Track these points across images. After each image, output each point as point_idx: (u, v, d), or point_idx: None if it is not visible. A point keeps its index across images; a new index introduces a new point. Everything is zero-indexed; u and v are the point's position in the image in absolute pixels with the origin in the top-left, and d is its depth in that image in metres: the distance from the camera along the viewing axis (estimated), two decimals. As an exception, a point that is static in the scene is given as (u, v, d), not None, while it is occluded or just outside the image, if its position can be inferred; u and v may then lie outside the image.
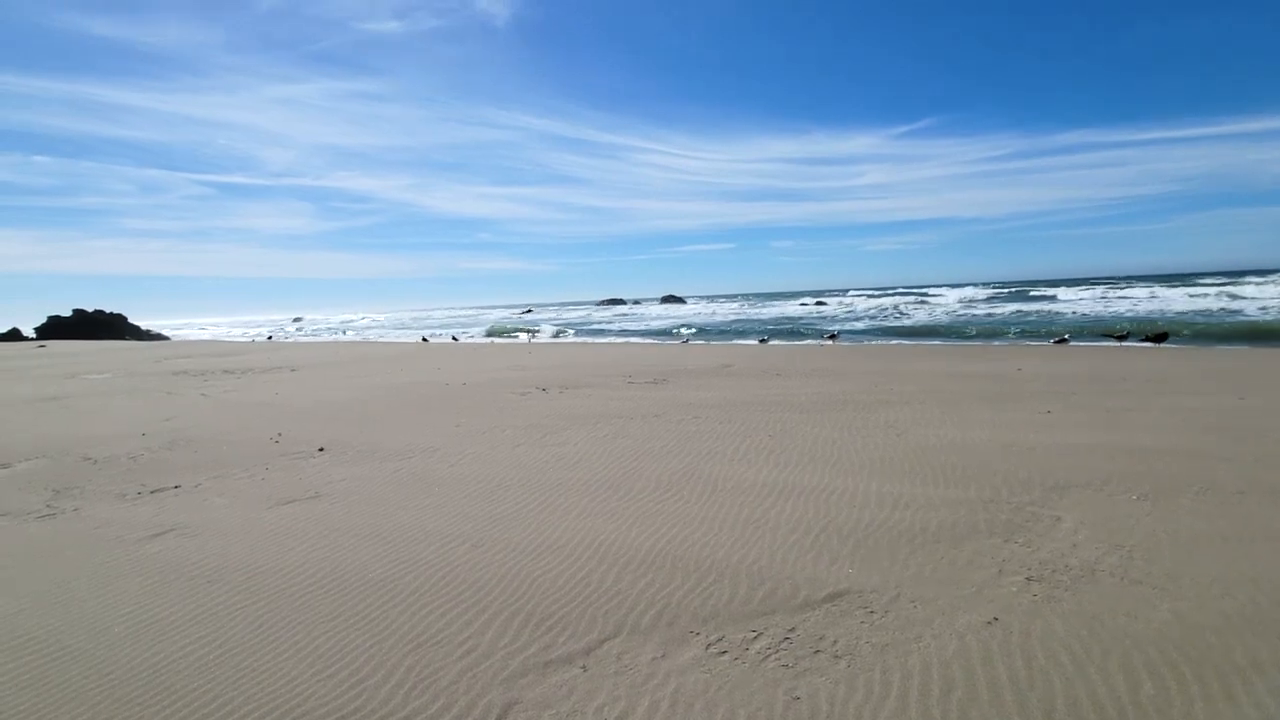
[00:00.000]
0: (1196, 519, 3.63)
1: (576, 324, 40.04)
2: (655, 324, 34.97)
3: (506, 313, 74.49)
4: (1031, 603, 2.79)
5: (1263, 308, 22.52)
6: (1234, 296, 27.08)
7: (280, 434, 7.03)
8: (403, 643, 2.69)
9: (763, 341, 20.75)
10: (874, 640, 2.55)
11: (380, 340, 31.77)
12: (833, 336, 20.80)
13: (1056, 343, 16.01)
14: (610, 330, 32.00)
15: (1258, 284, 32.81)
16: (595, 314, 55.73)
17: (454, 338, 30.97)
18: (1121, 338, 15.31)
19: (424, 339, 30.91)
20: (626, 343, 23.70)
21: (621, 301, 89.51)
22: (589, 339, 26.74)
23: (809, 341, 20.17)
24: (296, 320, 79.35)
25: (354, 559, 3.57)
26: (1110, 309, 26.74)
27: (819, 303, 48.55)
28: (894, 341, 19.26)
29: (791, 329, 26.41)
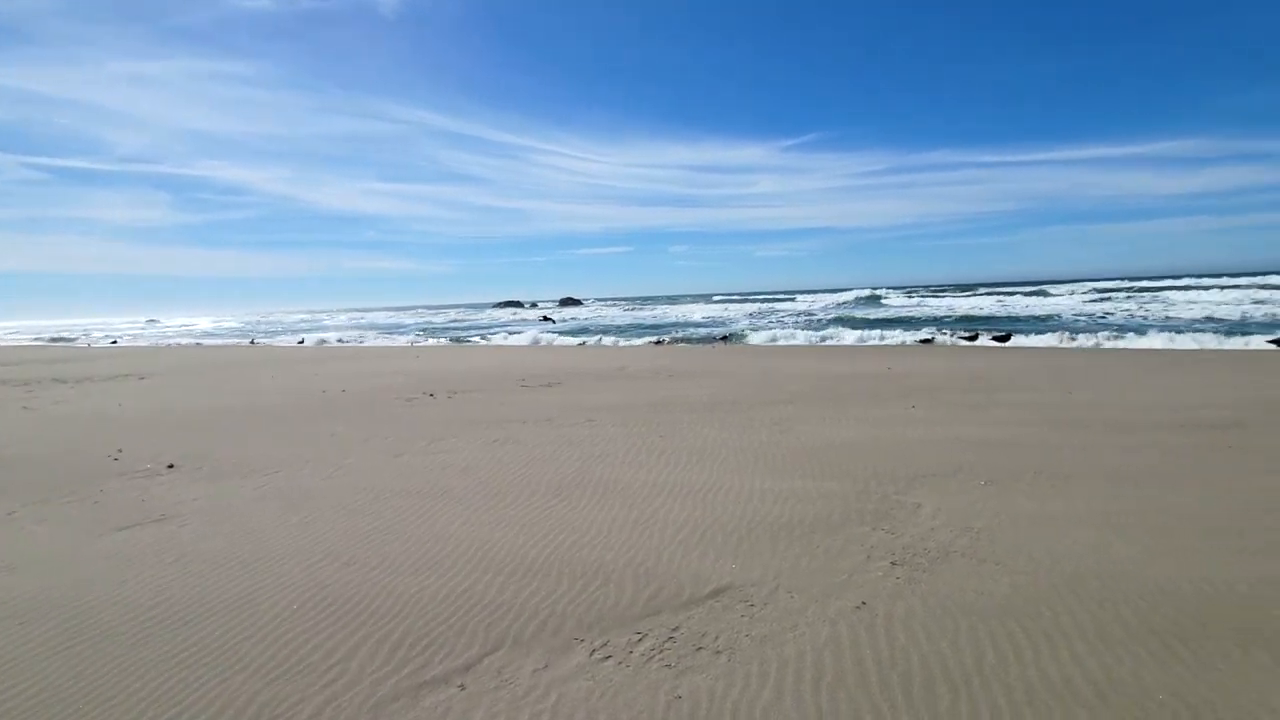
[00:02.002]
0: (1031, 501, 4.07)
1: (471, 326, 38.83)
2: (553, 326, 34.63)
3: (396, 315, 70.88)
4: (895, 585, 2.99)
5: (1077, 313, 25.89)
6: (1046, 296, 30.91)
7: (121, 450, 6.22)
8: (257, 676, 2.43)
9: (658, 343, 21.12)
10: (753, 633, 2.62)
11: (248, 344, 29.12)
12: (725, 338, 21.54)
13: (922, 343, 17.52)
14: (506, 332, 31.30)
15: (1069, 293, 37.71)
16: (492, 316, 54.31)
17: (340, 340, 28.99)
18: (973, 338, 17.01)
19: (301, 341, 28.70)
20: (522, 345, 23.26)
21: (519, 304, 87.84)
22: (483, 341, 25.97)
23: (703, 343, 20.75)
24: (151, 321, 71.06)
25: (204, 587, 3.20)
26: (965, 311, 29.68)
27: (714, 305, 50.18)
28: (782, 343, 20.25)
29: (687, 331, 27.11)
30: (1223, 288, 35.19)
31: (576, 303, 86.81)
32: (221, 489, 4.93)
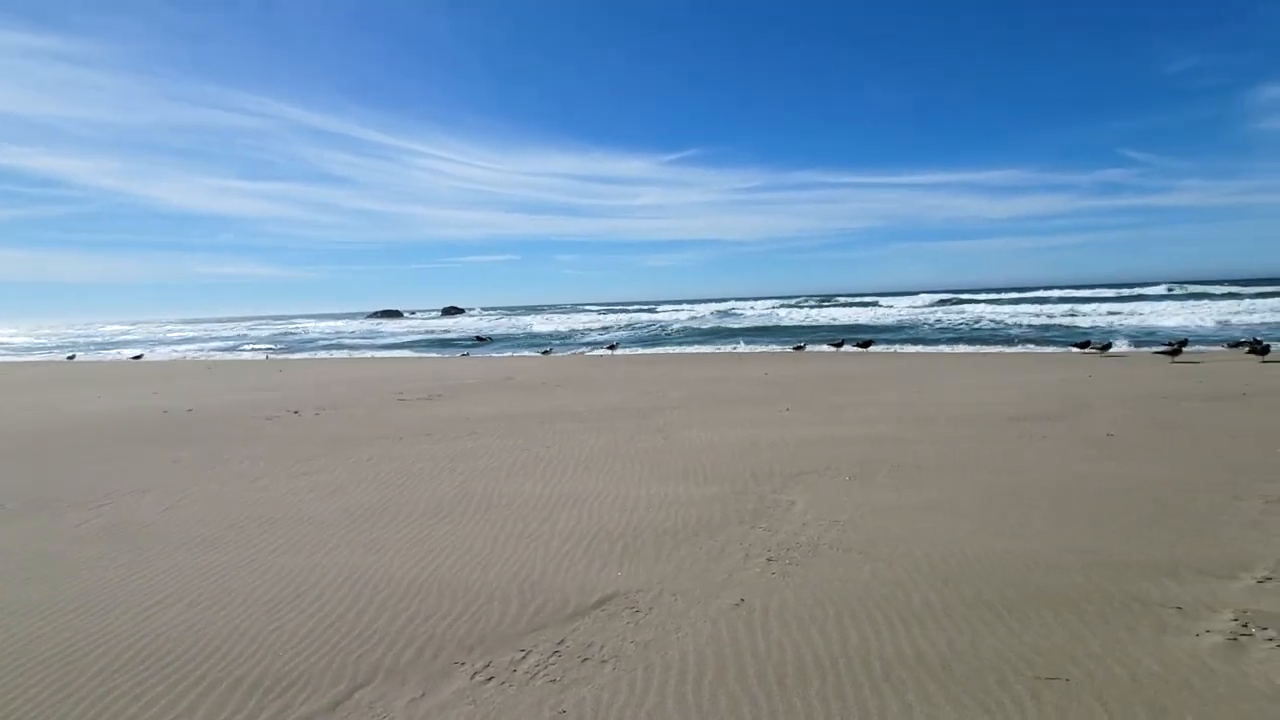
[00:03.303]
0: (889, 492, 4.46)
1: (343, 337, 36.29)
2: (434, 336, 33.20)
3: (256, 326, 64.70)
4: (771, 581, 3.14)
5: (924, 321, 28.92)
6: (898, 305, 34.35)
7: (-112, 490, 5.15)
8: (72, 746, 2.10)
9: (546, 353, 20.90)
10: (638, 639, 2.65)
11: (66, 359, 25.29)
12: (612, 347, 21.74)
13: (796, 349, 18.69)
14: (382, 344, 29.56)
15: (906, 304, 42.13)
16: (366, 326, 51.07)
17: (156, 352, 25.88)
18: (839, 345, 18.42)
19: (138, 357, 25.37)
20: (400, 357, 22.08)
21: (398, 313, 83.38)
22: (356, 353, 24.36)
23: (591, 352, 20.81)
24: (-66, 335, 59.57)
25: (13, 643, 2.72)
26: (836, 320, 32.08)
27: (602, 314, 50.52)
28: (666, 350, 20.78)
29: (575, 340, 27.06)
30: (1039, 300, 40.78)
31: (460, 311, 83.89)
32: (36, 527, 4.23)
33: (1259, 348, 11.91)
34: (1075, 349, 15.15)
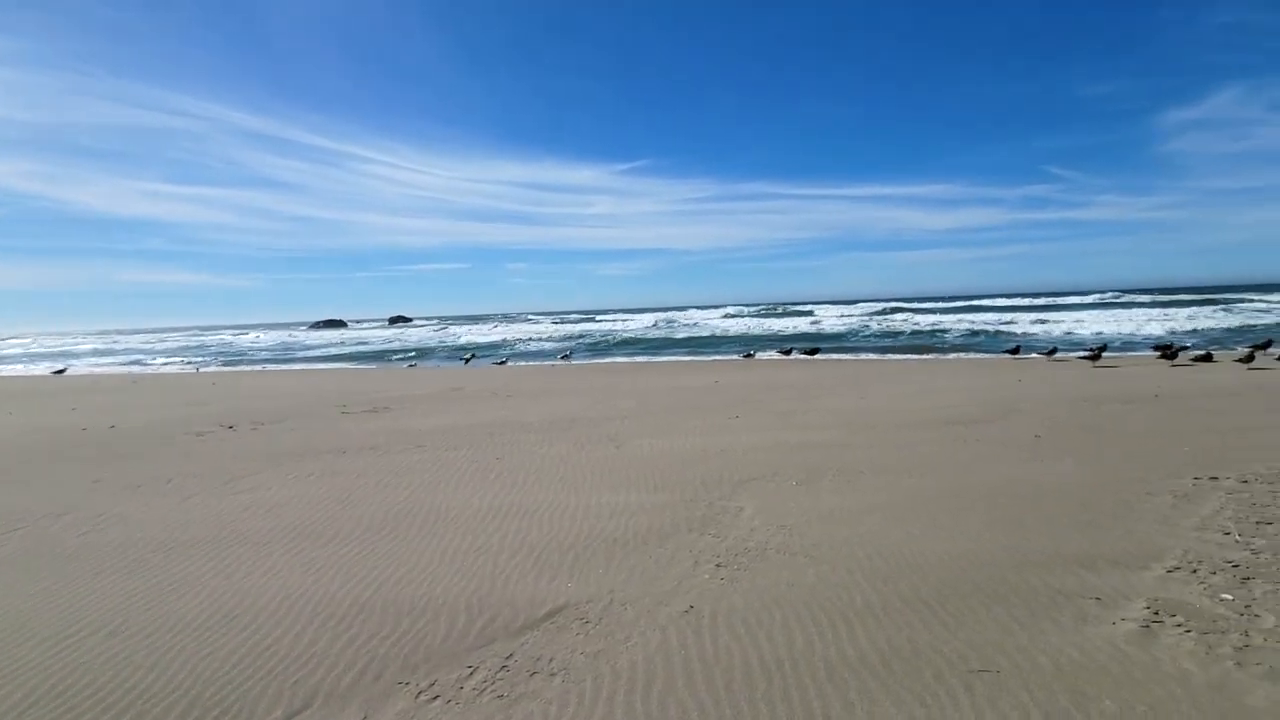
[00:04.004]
0: (834, 496, 4.58)
1: (283, 348, 34.88)
2: (379, 347, 32.28)
3: (188, 336, 61.53)
4: (719, 586, 3.19)
5: (867, 330, 29.94)
6: (843, 313, 35.51)
7: None
8: (-26, 792, 1.95)
9: (501, 363, 20.60)
10: (588, 650, 2.64)
11: (-23, 374, 23.44)
12: (566, 356, 21.62)
13: (745, 357, 19.02)
14: (324, 355, 28.55)
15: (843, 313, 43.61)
16: (308, 337, 49.24)
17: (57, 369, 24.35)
18: (787, 353, 18.85)
19: (61, 371, 23.74)
20: (343, 368, 21.38)
21: (341, 323, 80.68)
22: (297, 365, 23.46)
23: (543, 361, 20.64)
24: None
25: (-108, 689, 2.50)
26: (785, 328, 32.81)
27: (554, 323, 50.19)
28: (617, 359, 20.81)
29: (526, 350, 26.79)
30: (974, 309, 42.76)
31: (407, 321, 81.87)
32: (-74, 560, 3.89)
33: (1169, 352, 12.81)
34: (1008, 354, 15.94)
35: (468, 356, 22.10)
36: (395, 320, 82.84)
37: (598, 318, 60.04)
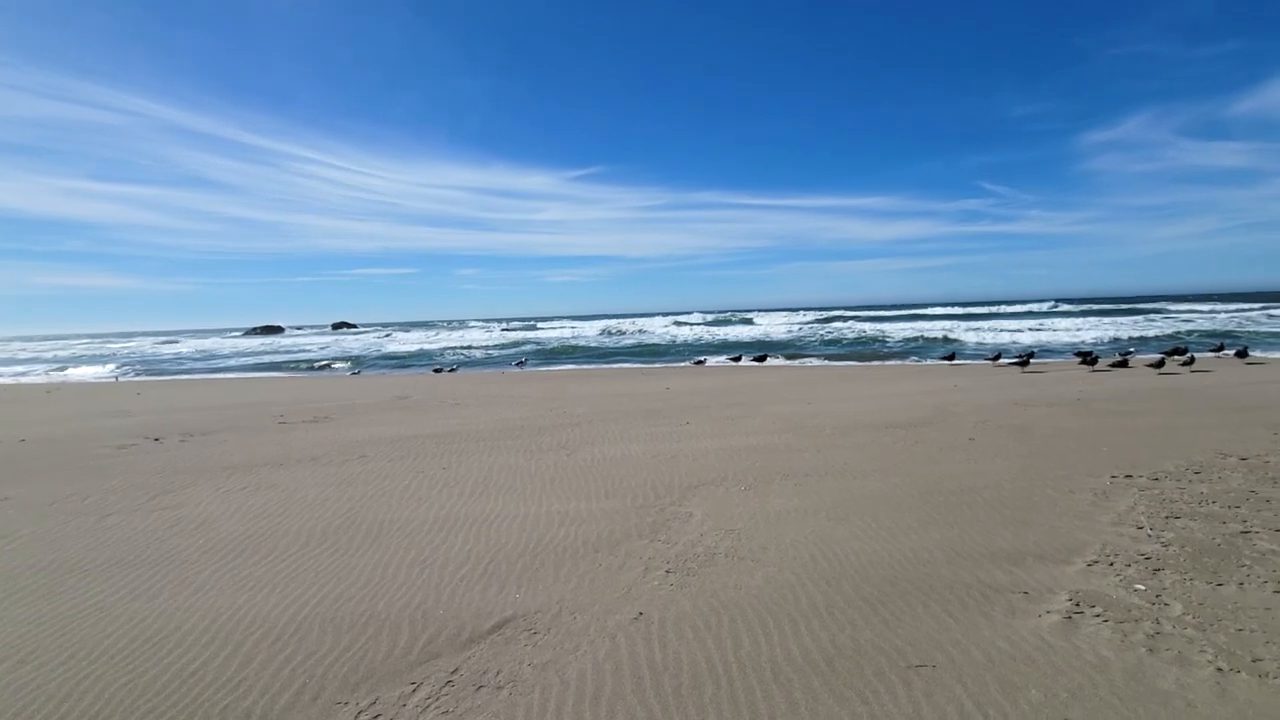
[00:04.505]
0: (781, 499, 4.68)
1: (216, 355, 33.19)
2: (319, 354, 31.11)
3: (110, 344, 57.84)
4: (669, 592, 3.20)
5: (813, 336, 30.80)
6: (753, 324, 36.42)
7: None
8: None
9: (451, 370, 20.16)
10: (536, 661, 2.61)
11: None
12: (521, 363, 21.35)
13: (696, 364, 19.22)
14: (260, 364, 27.32)
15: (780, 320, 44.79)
16: (242, 344, 47.02)
17: (13, 377, 22.57)
18: (737, 359, 19.17)
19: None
20: (281, 377, 20.51)
21: (279, 329, 77.42)
22: (230, 374, 22.37)
23: (493, 369, 20.31)
24: None
25: None
26: (735, 335, 33.33)
27: (505, 330, 49.51)
28: (569, 366, 20.69)
29: (476, 357, 26.32)
30: (914, 317, 44.50)
31: (351, 327, 79.29)
32: None
33: (1089, 359, 13.65)
34: (944, 360, 16.65)
35: (448, 367, 21.53)
36: (338, 326, 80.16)
37: (550, 324, 59.58)
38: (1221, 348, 14.85)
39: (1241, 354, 14.05)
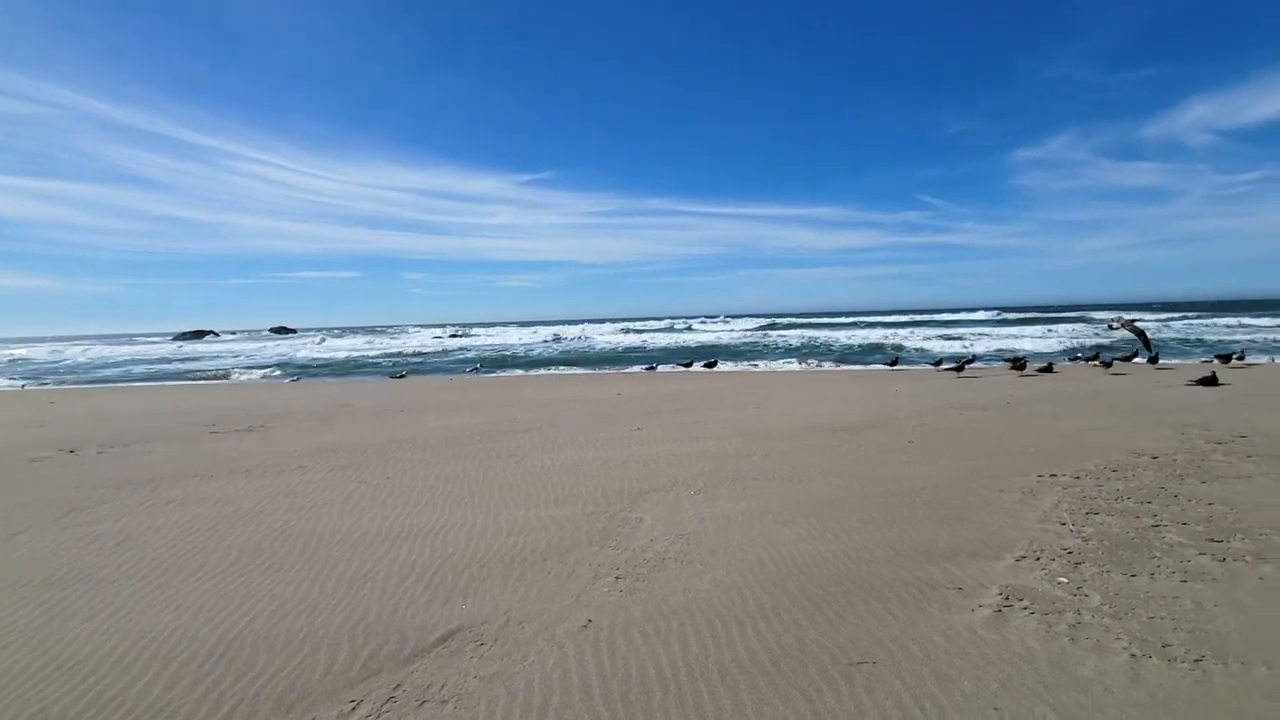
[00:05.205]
0: (729, 503, 4.74)
1: (135, 361, 31.28)
2: (253, 359, 29.74)
3: (19, 348, 53.80)
4: (618, 599, 3.20)
5: (777, 343, 31.44)
6: (737, 327, 37.09)
7: None
8: None
9: (398, 377, 19.59)
10: (482, 673, 2.56)
11: None
12: (476, 369, 20.94)
13: (648, 369, 19.30)
14: (189, 370, 25.91)
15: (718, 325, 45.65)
16: (169, 348, 44.52)
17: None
18: (688, 365, 19.35)
19: None
20: (212, 384, 19.52)
21: (212, 334, 73.70)
22: (156, 382, 21.14)
23: (442, 375, 19.86)
24: None
25: None
26: (687, 341, 33.66)
27: (453, 336, 48.54)
28: (519, 373, 20.44)
29: (425, 363, 25.70)
30: (859, 324, 45.97)
31: (290, 331, 76.20)
32: None
33: (1018, 364, 14.39)
34: (886, 366, 17.24)
35: (395, 373, 20.84)
36: (276, 331, 76.92)
37: (501, 330, 58.75)
38: (1135, 355, 15.90)
39: (1153, 360, 15.08)
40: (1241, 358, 14.97)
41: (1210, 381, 10.63)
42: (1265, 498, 4.42)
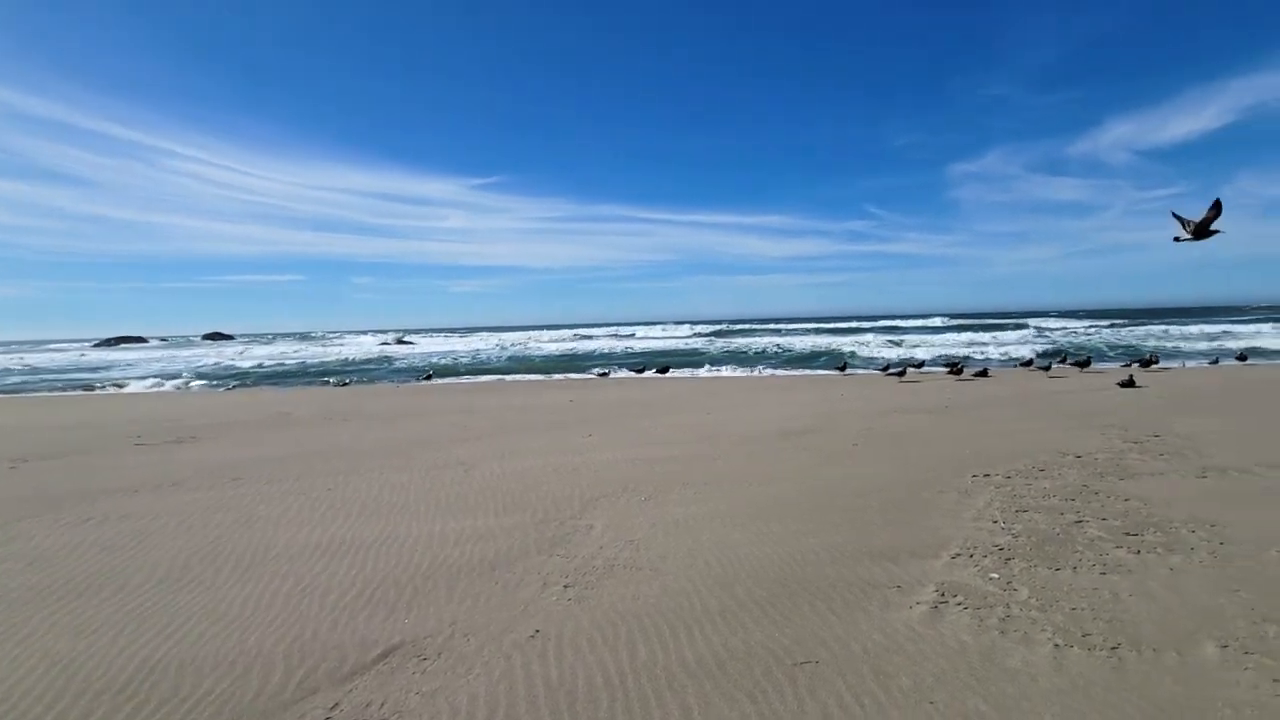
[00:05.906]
0: (680, 508, 4.77)
1: (53, 370, 29.28)
2: (196, 366, 28.26)
3: (-82, 355, 49.58)
4: (566, 607, 3.17)
5: (728, 349, 31.88)
6: (691, 332, 37.51)
7: None
8: None
9: (342, 384, 18.94)
10: (424, 689, 2.49)
11: None
12: (429, 376, 20.43)
13: (600, 375, 19.27)
14: (114, 378, 24.41)
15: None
16: (92, 356, 41.86)
17: None
18: (640, 371, 19.43)
19: None
20: (140, 393, 18.45)
21: (140, 339, 69.67)
22: (76, 392, 19.83)
23: (389, 382, 19.32)
24: None
25: None
26: (639, 347, 33.77)
27: (401, 341, 47.33)
28: (470, 379, 20.07)
29: (371, 370, 24.94)
30: (806, 330, 47.10)
31: (226, 338, 72.79)
32: None
33: (956, 369, 15.02)
34: (836, 370, 17.70)
35: (341, 380, 20.05)
36: (211, 337, 73.35)
37: (453, 335, 57.60)
38: (1065, 359, 16.82)
39: (1083, 364, 15.98)
40: (1156, 361, 16.04)
41: (1129, 384, 11.35)
42: (1175, 493, 4.74)
